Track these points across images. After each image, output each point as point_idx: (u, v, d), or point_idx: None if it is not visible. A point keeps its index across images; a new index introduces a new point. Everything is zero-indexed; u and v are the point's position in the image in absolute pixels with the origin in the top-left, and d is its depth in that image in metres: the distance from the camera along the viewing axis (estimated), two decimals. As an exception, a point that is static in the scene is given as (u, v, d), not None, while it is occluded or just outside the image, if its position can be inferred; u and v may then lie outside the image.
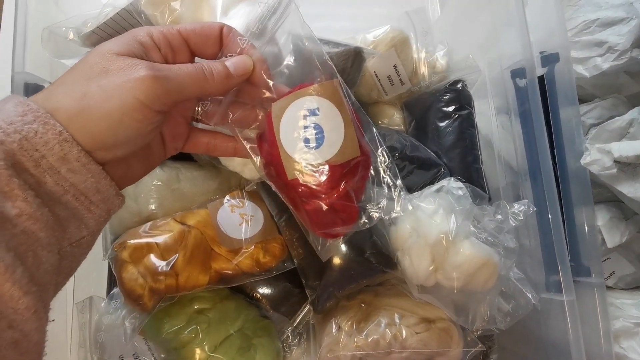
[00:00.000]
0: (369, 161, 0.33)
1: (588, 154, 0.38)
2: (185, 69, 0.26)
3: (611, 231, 0.42)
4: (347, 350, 0.41)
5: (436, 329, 0.42)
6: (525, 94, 0.43)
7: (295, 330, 0.46)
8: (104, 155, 0.25)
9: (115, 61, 0.24)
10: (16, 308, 0.20)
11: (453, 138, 0.48)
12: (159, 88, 0.24)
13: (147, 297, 0.37)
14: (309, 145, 0.30)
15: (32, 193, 0.22)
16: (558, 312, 0.40)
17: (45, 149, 0.22)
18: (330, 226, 0.32)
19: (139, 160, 0.29)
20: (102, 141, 0.24)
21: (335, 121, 0.30)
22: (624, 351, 0.41)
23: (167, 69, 0.25)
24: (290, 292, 0.46)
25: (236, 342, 0.40)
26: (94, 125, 0.23)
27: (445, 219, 0.39)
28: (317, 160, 0.30)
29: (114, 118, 0.23)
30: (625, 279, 0.46)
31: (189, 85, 0.26)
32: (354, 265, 0.43)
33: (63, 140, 0.23)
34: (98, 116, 0.23)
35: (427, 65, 0.54)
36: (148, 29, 0.27)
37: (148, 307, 0.37)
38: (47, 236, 0.22)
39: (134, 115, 0.24)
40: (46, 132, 0.22)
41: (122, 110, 0.23)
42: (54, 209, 0.23)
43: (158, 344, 0.41)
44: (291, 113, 0.30)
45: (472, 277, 0.39)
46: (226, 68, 0.28)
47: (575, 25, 0.46)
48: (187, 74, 0.26)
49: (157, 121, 0.26)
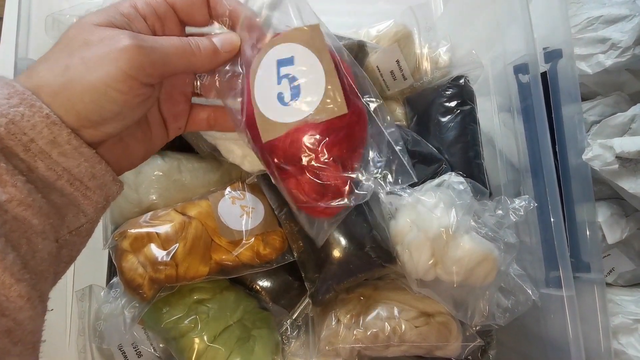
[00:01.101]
0: (363, 122, 0.28)
1: (590, 150, 0.38)
2: (170, 40, 0.26)
3: (612, 227, 0.42)
4: (346, 342, 0.41)
5: (435, 323, 0.42)
6: (527, 90, 0.43)
7: (294, 322, 0.46)
8: (93, 134, 0.24)
9: (96, 32, 0.23)
10: (8, 295, 0.19)
11: (455, 133, 0.48)
12: (143, 58, 0.23)
13: (146, 287, 0.37)
14: (284, 100, 0.26)
15: (22, 179, 0.21)
16: (557, 307, 0.40)
17: (34, 132, 0.21)
18: (313, 200, 0.27)
19: (137, 141, 0.28)
20: (86, 117, 0.23)
21: (314, 71, 0.26)
22: (622, 347, 0.41)
23: (152, 39, 0.25)
24: (289, 284, 0.46)
25: (235, 332, 0.40)
26: (77, 100, 0.22)
27: (445, 213, 0.39)
28: (293, 117, 0.26)
29: (98, 90, 0.22)
30: (625, 275, 0.46)
31: (175, 58, 0.25)
32: (354, 259, 0.43)
33: (51, 123, 0.22)
34: (81, 89, 0.22)
35: (429, 61, 0.54)
36: (131, 0, 0.26)
37: (148, 297, 0.37)
38: (42, 223, 0.22)
39: (119, 86, 0.23)
40: (33, 114, 0.21)
41: (106, 81, 0.22)
42: (49, 195, 0.23)
43: (157, 334, 0.41)
44: (265, 65, 0.27)
45: (472, 272, 0.39)
46: (213, 44, 0.27)
47: (579, 22, 0.46)
48: (173, 46, 0.25)
49: (144, 94, 0.25)
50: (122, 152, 0.27)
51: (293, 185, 0.28)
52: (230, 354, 0.38)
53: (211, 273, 0.39)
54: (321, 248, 0.41)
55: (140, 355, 0.43)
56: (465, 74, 0.50)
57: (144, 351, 0.43)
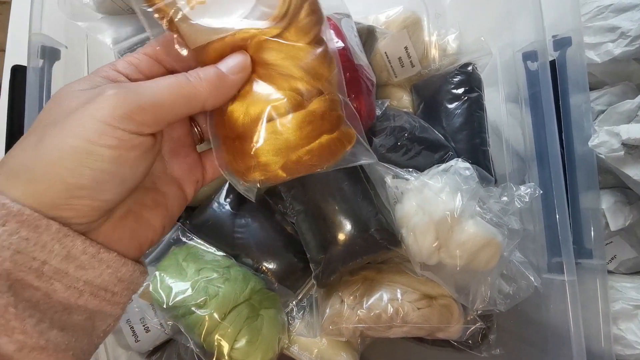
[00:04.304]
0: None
1: (596, 136, 0.39)
2: (162, 80, 0.22)
3: (615, 214, 0.43)
4: (349, 322, 0.42)
5: (437, 305, 0.43)
6: (536, 78, 0.43)
7: (299, 303, 0.46)
8: (93, 206, 0.20)
9: (76, 96, 0.21)
10: None
11: (461, 120, 0.48)
12: (129, 105, 0.20)
13: None
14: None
15: (32, 321, 0.19)
16: (559, 292, 0.41)
17: (44, 253, 0.19)
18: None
19: (149, 210, 0.25)
20: (77, 184, 0.19)
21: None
22: (622, 332, 0.41)
23: (137, 84, 0.21)
24: (294, 266, 0.47)
25: (244, 311, 0.40)
26: (60, 169, 0.19)
27: (451, 197, 0.40)
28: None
29: (79, 150, 0.19)
30: (626, 263, 0.46)
31: (171, 98, 0.21)
32: (359, 241, 0.43)
33: (63, 237, 0.19)
34: (59, 155, 0.19)
35: (438, 48, 0.54)
36: (111, 63, 0.24)
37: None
38: (61, 358, 0.20)
39: (104, 141, 0.19)
40: (39, 235, 0.19)
41: (86, 138, 0.19)
42: (70, 319, 0.20)
43: (165, 311, 0.42)
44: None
45: (475, 256, 0.40)
46: (217, 69, 0.23)
47: (589, 11, 0.46)
48: (166, 86, 0.22)
49: (142, 145, 0.21)
50: (135, 225, 0.24)
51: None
52: (239, 332, 0.39)
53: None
54: (326, 229, 0.42)
55: (148, 331, 0.44)
56: (473, 61, 0.50)
57: (152, 327, 0.44)
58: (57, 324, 0.20)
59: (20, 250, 0.19)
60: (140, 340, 0.44)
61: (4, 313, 0.18)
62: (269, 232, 0.46)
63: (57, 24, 0.37)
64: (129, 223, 0.23)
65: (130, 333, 0.44)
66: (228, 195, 0.47)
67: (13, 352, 0.18)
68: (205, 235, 0.46)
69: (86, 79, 0.22)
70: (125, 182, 0.21)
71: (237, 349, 0.39)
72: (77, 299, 0.20)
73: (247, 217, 0.46)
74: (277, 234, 0.46)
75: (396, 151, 0.45)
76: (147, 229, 0.24)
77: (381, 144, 0.45)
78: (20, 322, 0.18)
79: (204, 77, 0.23)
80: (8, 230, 0.18)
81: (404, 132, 0.46)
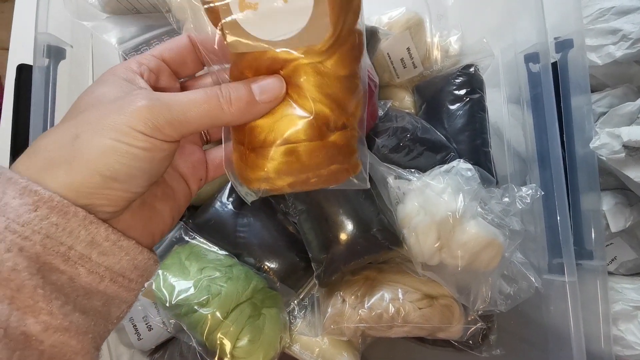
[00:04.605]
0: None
1: (597, 138, 0.39)
2: (192, 96, 0.23)
3: (616, 216, 0.43)
4: (350, 322, 0.42)
5: (438, 305, 0.43)
6: (537, 79, 0.43)
7: (301, 302, 0.47)
8: (121, 197, 0.22)
9: (110, 100, 0.22)
10: None
11: (463, 121, 0.48)
12: (159, 119, 0.22)
13: None
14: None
15: (58, 303, 0.20)
16: (559, 293, 0.41)
17: (71, 239, 0.20)
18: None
19: (160, 201, 0.26)
20: (112, 177, 0.21)
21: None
22: (621, 333, 0.42)
23: (169, 97, 0.23)
24: (296, 265, 0.47)
25: (246, 310, 0.41)
26: (98, 164, 0.21)
27: (453, 197, 0.40)
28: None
29: (117, 150, 0.21)
30: (627, 265, 0.47)
31: (199, 117, 0.23)
32: (361, 241, 0.43)
33: (88, 224, 0.21)
34: (97, 153, 0.21)
35: (440, 49, 0.55)
36: (123, 63, 0.25)
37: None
38: (80, 342, 0.21)
39: (137, 144, 0.21)
40: (68, 221, 0.20)
41: (122, 140, 0.21)
42: (90, 303, 0.22)
43: (168, 310, 0.42)
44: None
45: (476, 257, 0.40)
46: (250, 93, 0.24)
47: (591, 13, 0.47)
48: (196, 103, 0.23)
49: (169, 149, 0.23)
50: (149, 214, 0.25)
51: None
52: (241, 330, 0.39)
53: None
54: (329, 229, 0.42)
55: (150, 329, 0.44)
56: (475, 62, 0.50)
57: (155, 325, 0.44)
58: (79, 307, 0.21)
59: (50, 235, 0.20)
60: (142, 338, 0.44)
61: (32, 294, 0.19)
62: (271, 231, 0.46)
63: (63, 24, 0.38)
64: (144, 213, 0.25)
65: (132, 331, 0.44)
66: (230, 194, 0.47)
67: (38, 332, 0.19)
68: (208, 235, 0.46)
69: (111, 82, 0.24)
70: (152, 177, 0.23)
71: (239, 348, 0.39)
72: (98, 284, 0.22)
73: (250, 216, 0.46)
74: (279, 233, 0.46)
75: (398, 152, 0.45)
76: (158, 220, 0.26)
77: (383, 144, 0.45)
78: (47, 303, 0.19)
79: (234, 100, 0.23)
80: (39, 215, 0.20)
81: (406, 133, 0.46)
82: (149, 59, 0.26)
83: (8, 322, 0.19)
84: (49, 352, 0.20)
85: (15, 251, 0.19)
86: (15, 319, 0.19)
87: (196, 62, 0.28)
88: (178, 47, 0.27)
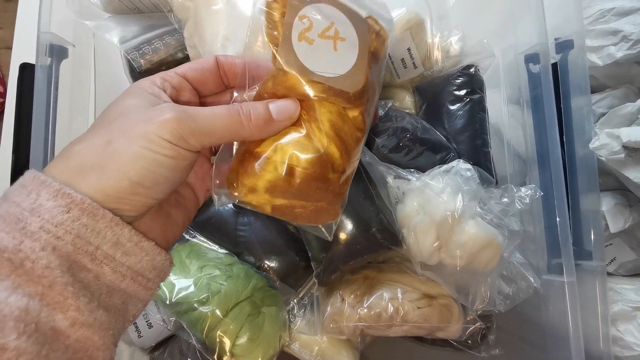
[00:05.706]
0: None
1: (597, 139, 0.39)
2: (216, 111, 0.25)
3: (615, 217, 0.43)
4: (349, 321, 0.42)
5: (437, 305, 0.43)
6: (538, 80, 0.43)
7: (300, 301, 0.47)
8: (143, 202, 0.23)
9: (140, 112, 0.24)
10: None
11: (463, 121, 0.48)
12: (185, 129, 0.23)
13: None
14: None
15: (85, 300, 0.21)
16: (558, 293, 0.41)
17: (99, 239, 0.22)
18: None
19: (173, 207, 0.28)
20: (139, 183, 0.23)
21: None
22: (620, 334, 0.42)
23: (195, 110, 0.24)
24: (296, 265, 0.47)
25: (246, 308, 0.41)
26: (128, 169, 0.22)
27: (452, 197, 0.40)
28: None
29: (146, 158, 0.22)
30: (626, 265, 0.47)
31: (221, 130, 0.25)
32: (360, 240, 0.44)
33: (114, 225, 0.22)
34: (128, 159, 0.22)
35: (440, 50, 0.54)
36: (148, 78, 0.27)
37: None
38: (102, 337, 0.22)
39: (165, 152, 0.23)
40: (96, 222, 0.22)
41: (151, 148, 0.23)
42: (111, 300, 0.23)
43: (168, 308, 0.42)
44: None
45: (475, 257, 0.40)
46: (267, 112, 0.26)
47: (591, 14, 0.47)
48: (219, 118, 0.25)
49: (192, 158, 0.25)
50: (165, 220, 0.27)
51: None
52: (240, 328, 0.40)
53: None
54: (329, 229, 0.42)
55: (150, 327, 0.44)
56: (476, 63, 0.50)
57: (155, 323, 0.44)
58: (103, 304, 0.22)
59: (80, 235, 0.21)
60: (143, 335, 0.45)
61: (63, 291, 0.20)
62: (271, 230, 0.46)
63: (65, 23, 0.38)
64: (161, 218, 0.26)
65: (133, 329, 0.44)
66: (231, 193, 0.47)
67: (66, 327, 0.20)
68: (208, 233, 0.47)
69: (139, 95, 0.25)
70: (173, 184, 0.24)
71: (239, 346, 0.40)
72: (120, 282, 0.23)
73: (250, 215, 0.47)
74: (279, 232, 0.47)
75: (398, 152, 0.45)
76: (172, 225, 0.28)
77: (383, 144, 0.45)
78: (76, 299, 0.21)
79: (254, 118, 0.25)
80: (72, 217, 0.21)
81: (406, 133, 0.46)
82: (173, 76, 0.27)
83: (39, 317, 0.20)
84: (74, 346, 0.21)
85: (49, 250, 0.20)
86: (45, 315, 0.20)
87: (217, 83, 0.29)
88: (202, 68, 0.28)
